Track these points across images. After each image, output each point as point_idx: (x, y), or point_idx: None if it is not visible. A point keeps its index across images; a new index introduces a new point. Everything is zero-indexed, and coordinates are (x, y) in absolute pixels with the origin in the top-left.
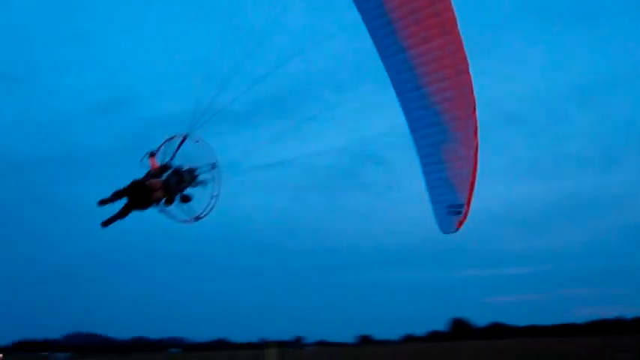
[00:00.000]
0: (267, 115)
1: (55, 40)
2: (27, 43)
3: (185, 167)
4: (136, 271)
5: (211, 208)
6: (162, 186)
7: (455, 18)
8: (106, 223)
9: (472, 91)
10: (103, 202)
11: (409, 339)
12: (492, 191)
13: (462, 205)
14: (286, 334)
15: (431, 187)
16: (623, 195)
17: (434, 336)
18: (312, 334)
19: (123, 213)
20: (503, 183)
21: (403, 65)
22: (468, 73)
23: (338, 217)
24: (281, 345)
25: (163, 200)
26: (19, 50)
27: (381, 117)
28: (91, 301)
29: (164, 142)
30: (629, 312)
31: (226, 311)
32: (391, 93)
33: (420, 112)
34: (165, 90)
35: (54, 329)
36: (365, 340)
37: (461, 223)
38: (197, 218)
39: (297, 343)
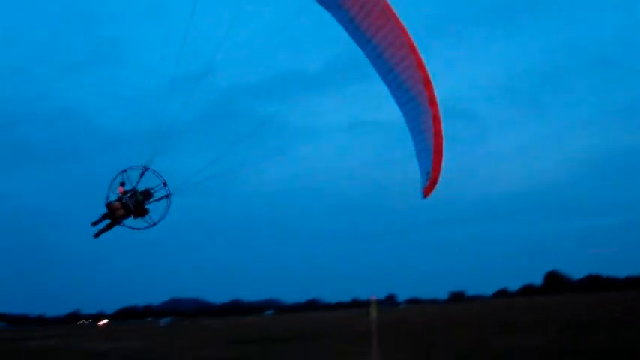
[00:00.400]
0: (346, 76)
1: (134, 18)
2: (110, 24)
3: (141, 189)
4: (231, 237)
5: (164, 216)
6: (121, 206)
7: (388, 4)
8: (96, 235)
9: (421, 66)
10: (94, 224)
11: (502, 294)
12: (589, 141)
13: (429, 172)
14: (378, 293)
15: (418, 158)
16: None
17: (527, 290)
18: (405, 292)
19: (108, 227)
20: (601, 131)
21: (373, 53)
22: (414, 49)
23: None
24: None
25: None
26: (104, 32)
27: (469, 71)
28: (190, 268)
29: (119, 174)
30: None
31: (318, 273)
32: (476, 49)
33: (397, 93)
34: (246, 58)
35: (155, 296)
36: (457, 297)
37: (426, 189)
38: (153, 225)
39: (389, 301)
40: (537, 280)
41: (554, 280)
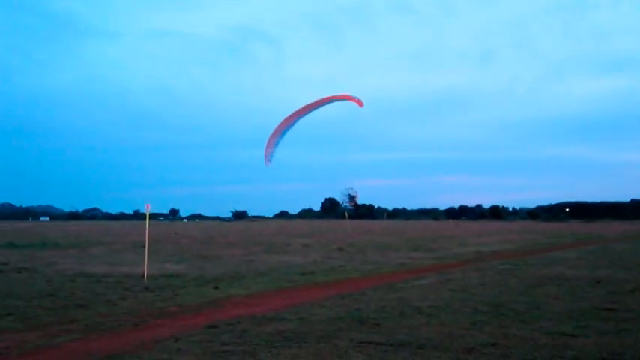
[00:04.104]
0: None
1: None
2: None
3: (351, 193)
4: (4, 139)
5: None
6: (352, 200)
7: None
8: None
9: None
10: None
11: (282, 215)
12: (379, 80)
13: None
14: (164, 208)
15: None
16: (499, 91)
17: (307, 214)
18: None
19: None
20: (390, 72)
21: None
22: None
23: (222, 93)
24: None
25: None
26: None
27: None
28: None
29: (346, 189)
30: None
31: (101, 184)
32: None
33: None
34: None
35: None
36: (239, 216)
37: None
38: (354, 207)
39: (173, 215)
40: (316, 207)
41: (331, 206)
